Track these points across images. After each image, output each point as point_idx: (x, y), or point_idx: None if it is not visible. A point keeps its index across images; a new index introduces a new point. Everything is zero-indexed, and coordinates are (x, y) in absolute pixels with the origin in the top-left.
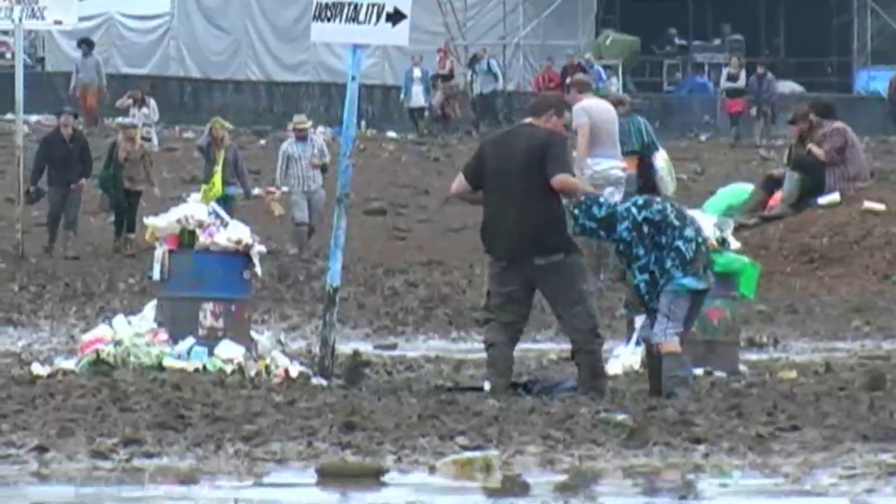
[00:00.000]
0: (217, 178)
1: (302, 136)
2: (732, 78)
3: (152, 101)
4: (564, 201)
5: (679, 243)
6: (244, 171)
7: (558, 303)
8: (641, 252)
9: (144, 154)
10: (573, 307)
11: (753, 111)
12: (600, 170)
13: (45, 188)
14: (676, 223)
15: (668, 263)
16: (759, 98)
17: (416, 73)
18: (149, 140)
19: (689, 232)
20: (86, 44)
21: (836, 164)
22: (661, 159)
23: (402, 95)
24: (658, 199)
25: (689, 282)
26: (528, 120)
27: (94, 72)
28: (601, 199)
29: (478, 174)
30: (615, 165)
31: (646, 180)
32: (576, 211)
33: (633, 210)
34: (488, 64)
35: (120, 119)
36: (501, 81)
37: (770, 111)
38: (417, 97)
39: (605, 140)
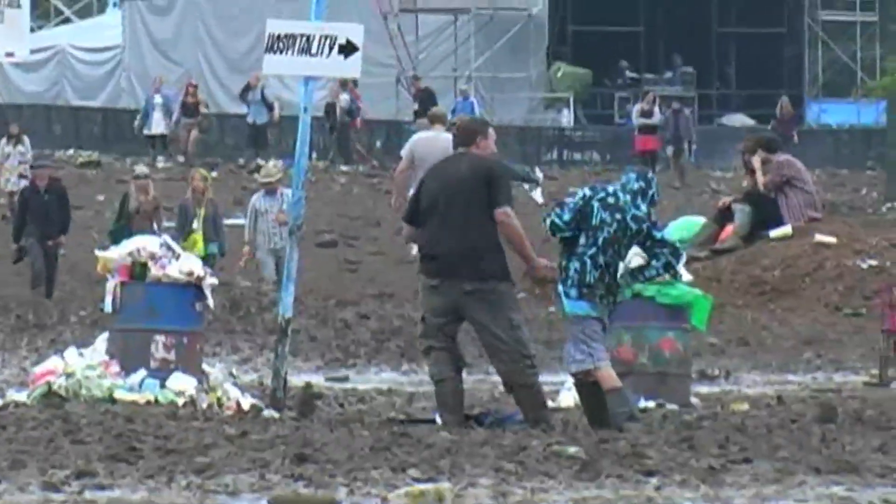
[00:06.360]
0: (199, 237)
1: (271, 190)
2: (646, 114)
3: (26, 139)
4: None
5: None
6: (223, 228)
7: (485, 331)
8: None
9: (157, 206)
10: (500, 337)
11: (669, 150)
12: None
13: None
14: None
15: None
16: (674, 135)
17: (157, 99)
18: (25, 177)
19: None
20: None
21: (782, 195)
22: None
23: (136, 121)
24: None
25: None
26: (460, 150)
27: None
28: (565, 202)
29: (417, 214)
30: None
31: None
32: (552, 218)
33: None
34: (262, 94)
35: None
36: (277, 111)
37: (688, 148)
38: (158, 124)
39: None
